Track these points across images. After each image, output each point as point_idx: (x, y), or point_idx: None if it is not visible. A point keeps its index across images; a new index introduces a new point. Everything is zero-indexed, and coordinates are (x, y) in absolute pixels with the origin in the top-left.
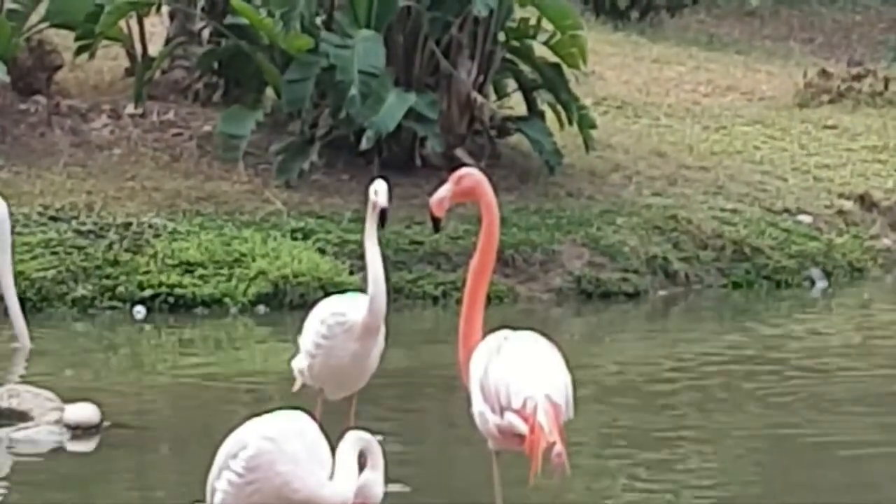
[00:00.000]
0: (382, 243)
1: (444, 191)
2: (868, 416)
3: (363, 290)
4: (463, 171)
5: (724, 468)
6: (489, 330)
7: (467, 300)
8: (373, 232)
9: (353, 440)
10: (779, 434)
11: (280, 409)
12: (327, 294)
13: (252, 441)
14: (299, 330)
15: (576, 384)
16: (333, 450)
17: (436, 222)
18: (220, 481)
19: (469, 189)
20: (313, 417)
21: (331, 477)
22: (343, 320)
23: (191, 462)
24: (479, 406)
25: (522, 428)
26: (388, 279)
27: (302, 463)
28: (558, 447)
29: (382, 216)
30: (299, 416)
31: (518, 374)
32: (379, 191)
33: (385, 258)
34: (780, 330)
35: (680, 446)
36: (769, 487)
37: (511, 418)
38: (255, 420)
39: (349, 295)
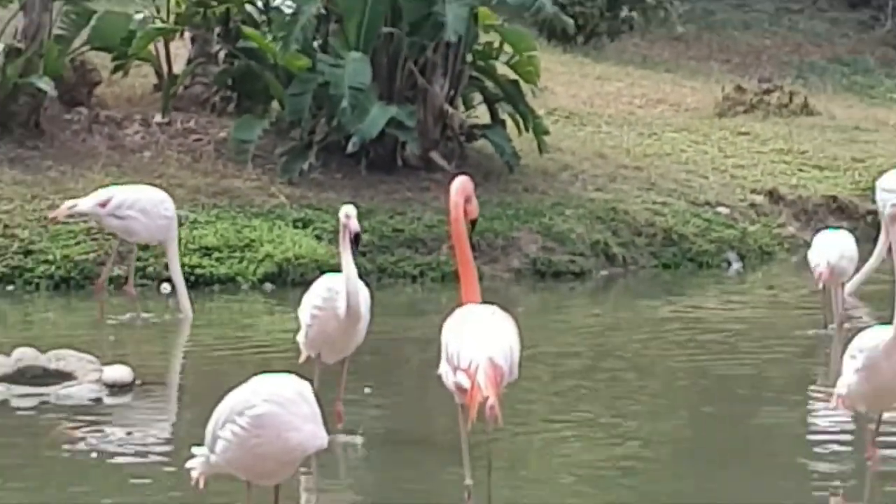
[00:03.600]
0: (370, 230)
1: None
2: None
3: None
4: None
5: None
6: (459, 304)
7: (461, 270)
8: (347, 253)
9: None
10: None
11: (280, 371)
12: (323, 273)
13: (259, 402)
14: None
15: (524, 349)
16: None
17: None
18: (224, 431)
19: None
20: (310, 380)
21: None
22: (329, 297)
23: (205, 413)
24: (443, 366)
25: (467, 384)
26: (373, 261)
27: (308, 422)
28: (491, 401)
29: (356, 239)
30: (297, 380)
31: (470, 341)
32: (350, 214)
33: (372, 243)
34: (700, 304)
35: (612, 401)
36: (679, 433)
37: (460, 377)
38: (256, 381)
39: (328, 277)
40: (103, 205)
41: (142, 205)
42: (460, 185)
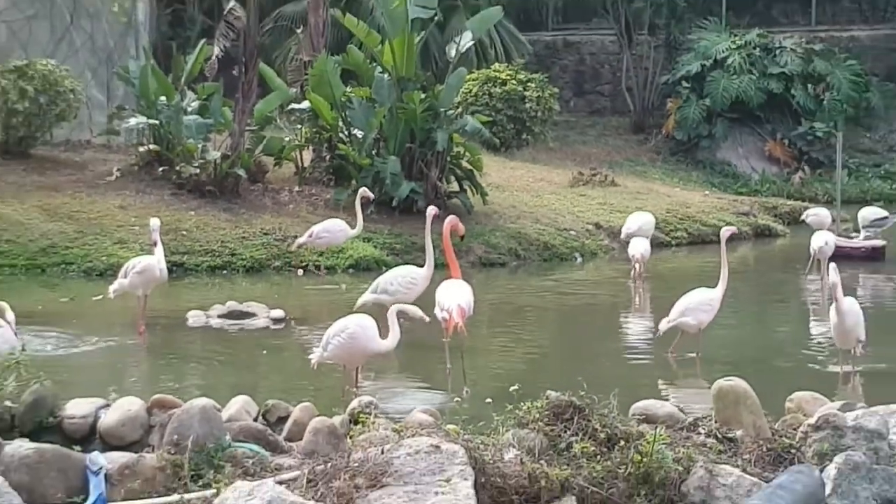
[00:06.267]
0: (400, 244)
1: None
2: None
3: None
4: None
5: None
6: (445, 278)
7: (448, 261)
8: (428, 237)
9: (394, 310)
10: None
11: (359, 312)
12: (379, 267)
13: (353, 327)
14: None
15: (477, 300)
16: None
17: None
18: (334, 340)
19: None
20: (374, 317)
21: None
22: (418, 277)
23: (321, 333)
24: (436, 308)
25: (447, 317)
26: (401, 259)
27: (374, 337)
28: (460, 325)
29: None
30: (367, 316)
31: (449, 295)
32: (433, 209)
33: (401, 249)
34: (562, 278)
35: (523, 325)
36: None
37: (444, 314)
38: (349, 316)
39: (403, 266)
40: (310, 235)
41: (326, 227)
42: (450, 220)
